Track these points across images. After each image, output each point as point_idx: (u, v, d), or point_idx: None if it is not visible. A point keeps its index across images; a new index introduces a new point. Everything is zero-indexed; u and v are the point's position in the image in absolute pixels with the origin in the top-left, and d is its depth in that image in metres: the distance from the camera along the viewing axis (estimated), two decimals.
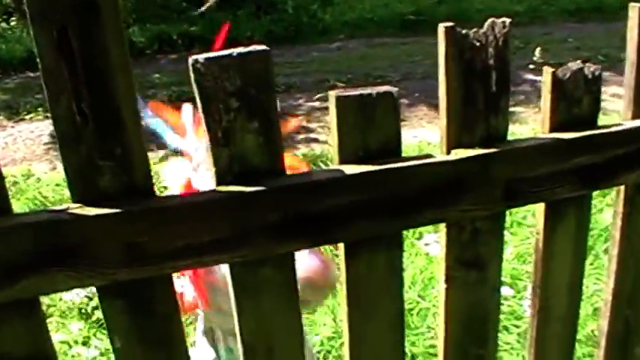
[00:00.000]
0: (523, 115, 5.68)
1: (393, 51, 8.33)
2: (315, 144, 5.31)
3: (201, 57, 0.90)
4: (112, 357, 1.02)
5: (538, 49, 6.92)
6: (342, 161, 1.01)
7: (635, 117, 1.23)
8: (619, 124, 1.21)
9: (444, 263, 1.16)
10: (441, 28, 1.01)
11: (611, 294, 1.40)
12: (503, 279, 2.77)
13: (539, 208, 1.21)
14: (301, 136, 5.49)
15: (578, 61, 1.15)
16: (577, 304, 1.35)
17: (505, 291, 2.78)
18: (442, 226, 1.13)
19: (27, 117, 6.30)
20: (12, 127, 6.15)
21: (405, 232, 1.49)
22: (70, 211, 0.90)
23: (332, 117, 0.99)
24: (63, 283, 0.91)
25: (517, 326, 2.67)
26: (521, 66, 6.86)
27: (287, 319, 1.07)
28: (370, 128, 1.00)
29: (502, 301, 2.49)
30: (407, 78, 7.01)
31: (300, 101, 6.65)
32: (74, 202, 0.92)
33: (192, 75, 0.90)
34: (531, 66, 6.73)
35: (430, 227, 2.21)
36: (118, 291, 0.96)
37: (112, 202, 0.91)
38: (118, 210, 0.90)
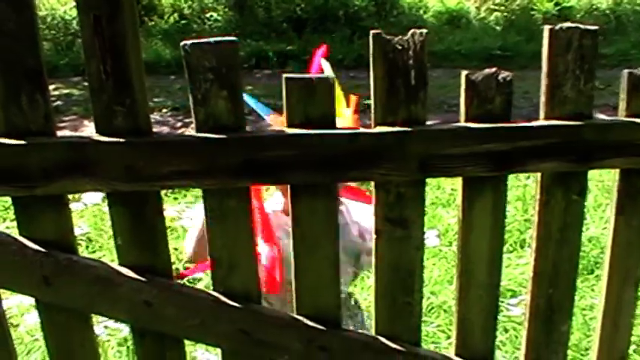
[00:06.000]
0: None
1: None
2: None
3: (189, 42, 1.30)
4: None
5: None
6: (288, 125, 1.38)
7: (546, 118, 1.52)
8: (529, 122, 1.50)
9: (374, 218, 1.50)
10: (371, 33, 1.37)
11: (532, 272, 1.67)
12: None
13: (459, 182, 1.53)
14: None
15: (493, 69, 1.46)
16: (497, 274, 1.62)
17: None
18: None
19: None
20: None
21: None
22: (92, 137, 1.32)
23: (283, 92, 1.36)
24: (82, 186, 1.33)
25: None
26: (595, 106, 6.92)
27: (245, 241, 1.45)
28: (310, 103, 1.37)
29: None
30: None
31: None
32: (96, 132, 1.34)
33: (182, 53, 1.31)
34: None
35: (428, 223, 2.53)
36: (120, 200, 1.38)
37: (121, 135, 1.32)
38: (123, 140, 1.31)
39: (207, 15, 12.22)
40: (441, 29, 11.65)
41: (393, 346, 1.59)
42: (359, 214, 2.07)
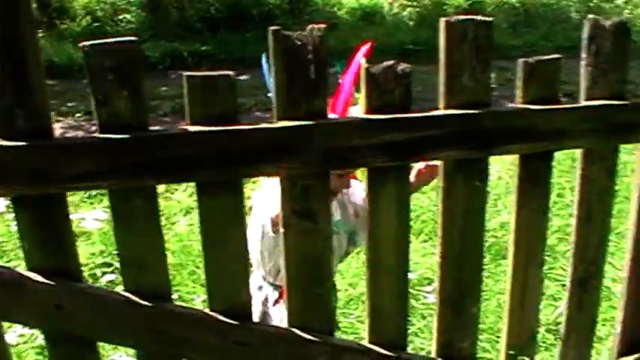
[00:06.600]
0: None
1: None
2: None
3: (87, 43, 1.29)
4: None
5: None
6: (191, 123, 1.39)
7: (446, 107, 1.57)
8: (428, 112, 1.56)
9: (282, 212, 1.53)
10: (270, 30, 1.40)
11: (439, 257, 1.71)
12: None
13: (365, 173, 1.57)
14: None
15: (392, 61, 1.51)
16: (405, 260, 1.66)
17: None
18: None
19: None
20: None
21: None
22: None
23: (184, 90, 1.37)
24: None
25: None
26: (506, 97, 7.20)
27: (153, 239, 1.46)
28: (212, 100, 1.38)
29: None
30: None
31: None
32: None
33: (82, 55, 1.30)
34: None
35: None
36: (25, 204, 1.35)
37: (23, 138, 1.30)
38: (24, 143, 1.29)
39: (120, 17, 11.96)
40: (356, 25, 11.82)
41: (308, 337, 1.61)
42: (355, 193, 2.20)
